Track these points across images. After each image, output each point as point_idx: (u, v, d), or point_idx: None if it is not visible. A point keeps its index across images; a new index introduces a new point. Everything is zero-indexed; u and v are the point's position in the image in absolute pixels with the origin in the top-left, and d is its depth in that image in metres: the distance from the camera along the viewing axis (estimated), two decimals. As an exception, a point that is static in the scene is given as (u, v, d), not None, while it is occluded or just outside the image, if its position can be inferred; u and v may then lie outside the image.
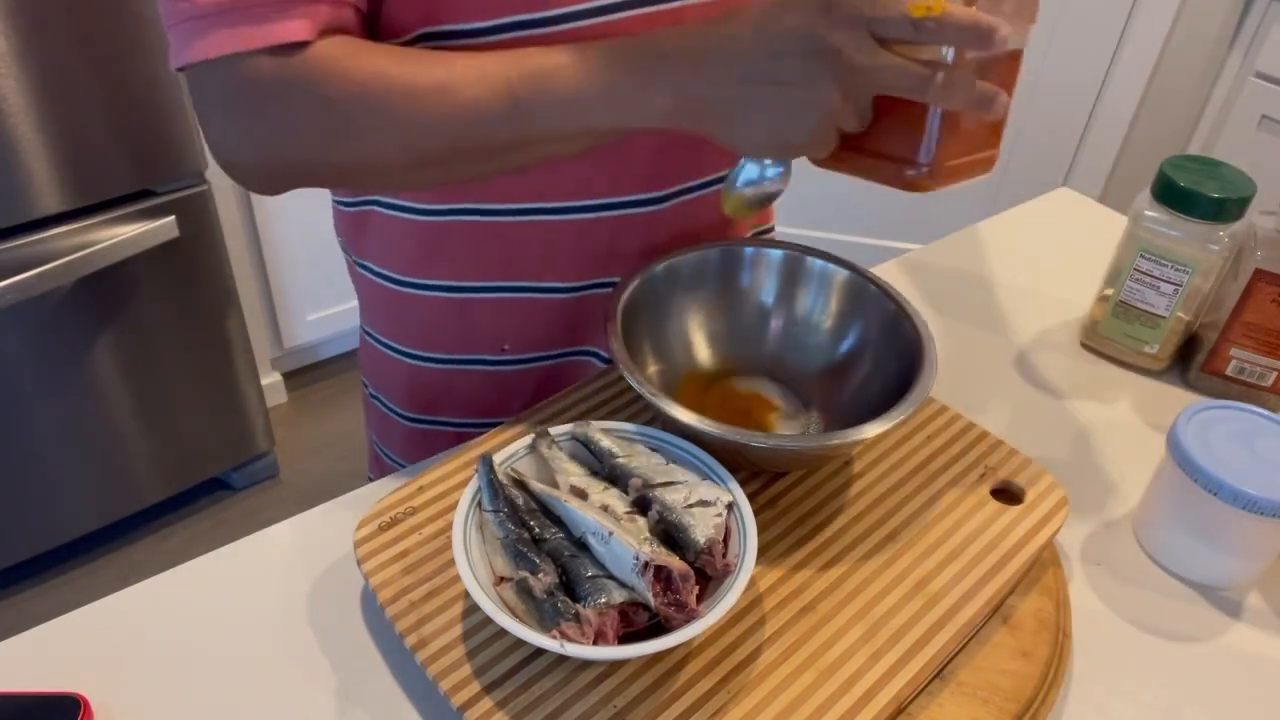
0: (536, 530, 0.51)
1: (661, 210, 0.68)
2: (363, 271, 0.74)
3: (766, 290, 0.67)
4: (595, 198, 0.66)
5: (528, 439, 0.56)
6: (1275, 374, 0.73)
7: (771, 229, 0.83)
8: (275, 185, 0.56)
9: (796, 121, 0.50)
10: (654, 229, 0.68)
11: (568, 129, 0.53)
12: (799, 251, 0.66)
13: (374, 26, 0.58)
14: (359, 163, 0.54)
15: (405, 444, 0.81)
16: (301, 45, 0.50)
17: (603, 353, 0.73)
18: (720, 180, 0.70)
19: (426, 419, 0.78)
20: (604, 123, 0.53)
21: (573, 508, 0.50)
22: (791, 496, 0.58)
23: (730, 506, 0.51)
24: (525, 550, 0.49)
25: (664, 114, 0.52)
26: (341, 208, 0.73)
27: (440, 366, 0.74)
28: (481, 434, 0.61)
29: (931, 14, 0.47)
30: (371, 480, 0.88)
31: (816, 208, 2.24)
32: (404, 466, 0.80)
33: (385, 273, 0.72)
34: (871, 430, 0.52)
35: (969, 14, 0.47)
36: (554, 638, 0.44)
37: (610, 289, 0.70)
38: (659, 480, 0.52)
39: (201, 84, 0.52)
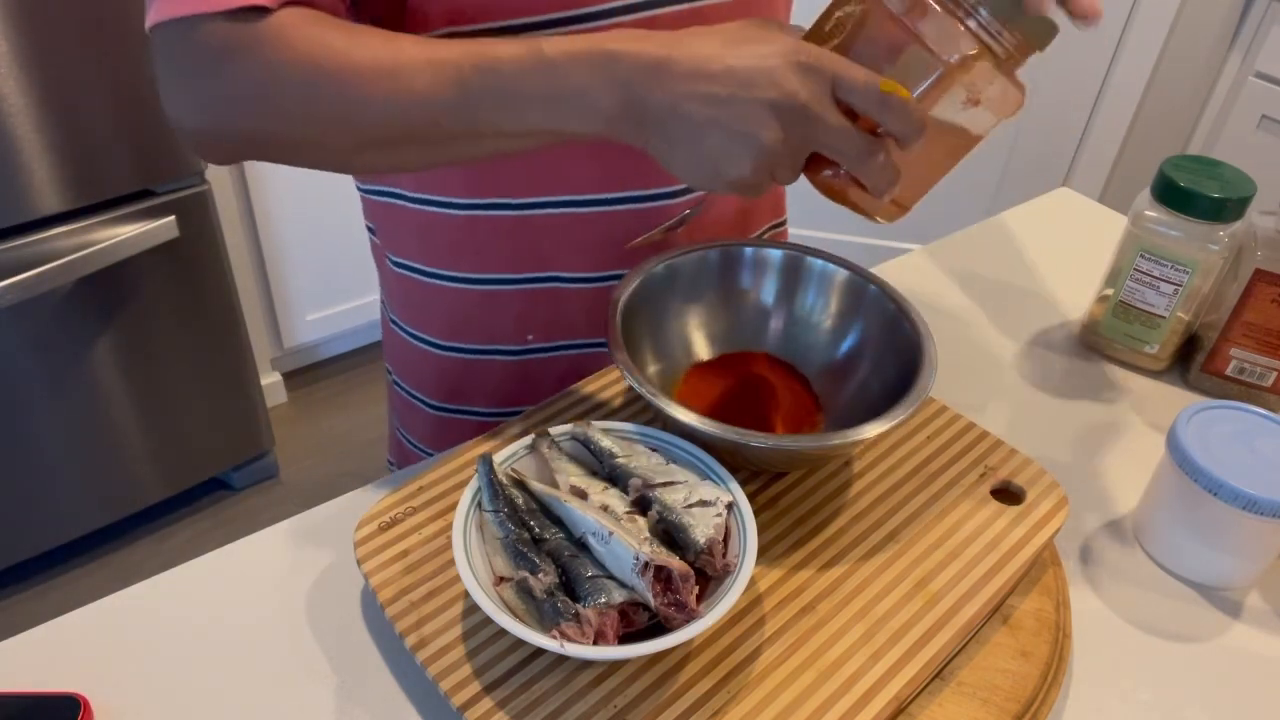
0: (536, 530, 0.51)
1: (683, 202, 0.68)
2: (388, 261, 0.75)
3: (766, 290, 0.67)
4: (620, 190, 0.67)
5: (528, 439, 0.56)
6: (1275, 374, 0.73)
7: (784, 221, 0.83)
8: (222, 152, 0.55)
9: (733, 159, 0.48)
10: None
11: (511, 125, 0.51)
12: (799, 251, 0.67)
13: (399, 22, 0.58)
14: (298, 137, 0.52)
15: (430, 431, 0.82)
16: (260, 11, 0.50)
17: None
18: None
19: (452, 407, 0.79)
20: (547, 122, 0.50)
21: (573, 508, 0.50)
22: (791, 496, 0.58)
23: (730, 506, 0.51)
24: (525, 550, 0.49)
25: (607, 118, 0.50)
26: (367, 195, 0.74)
27: (465, 356, 0.75)
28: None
29: (898, 94, 0.47)
30: (392, 466, 0.89)
31: (817, 208, 2.24)
32: (430, 453, 0.82)
33: (411, 264, 0.73)
34: (871, 430, 0.52)
35: (921, 111, 0.48)
36: (554, 638, 0.44)
37: None
38: (659, 480, 0.52)
39: (161, 44, 0.52)
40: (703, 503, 0.50)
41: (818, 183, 0.53)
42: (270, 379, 2.01)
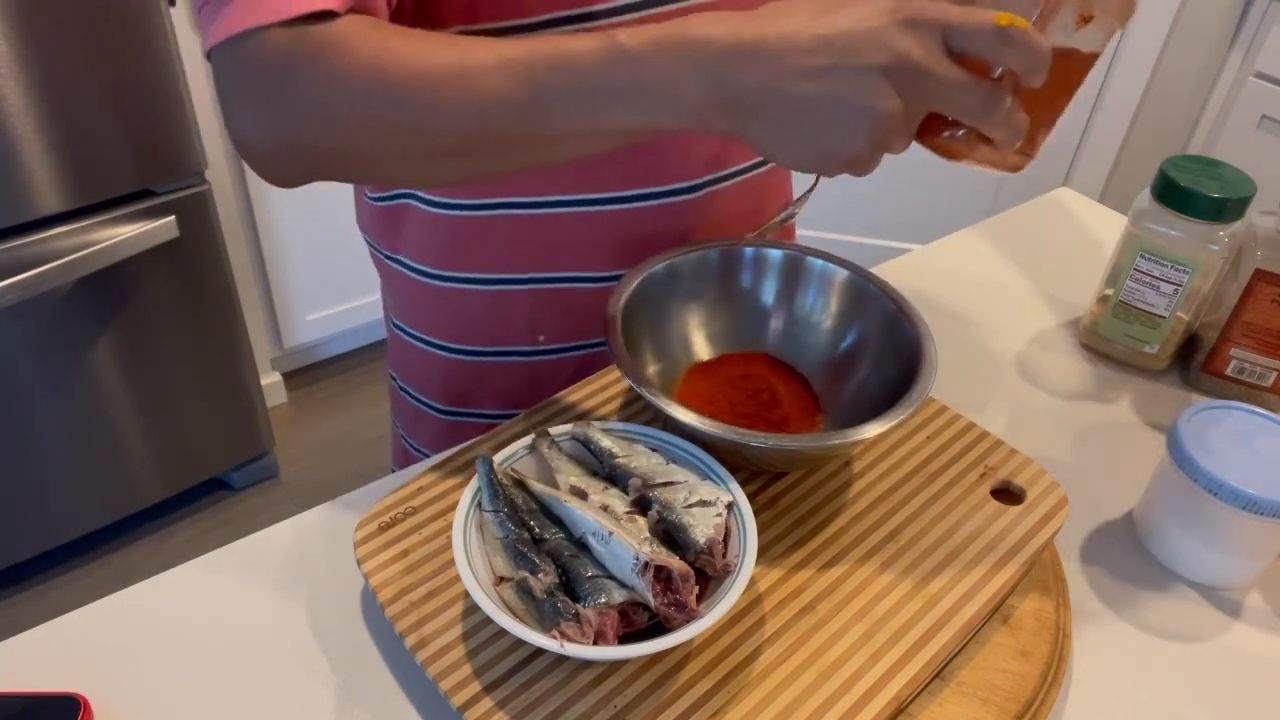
0: (536, 530, 0.51)
1: (696, 199, 0.68)
2: (394, 266, 0.75)
3: (766, 290, 0.67)
4: (632, 188, 0.67)
5: (528, 439, 0.56)
6: (1275, 374, 0.73)
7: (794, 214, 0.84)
8: (292, 173, 0.52)
9: (848, 134, 0.44)
10: (689, 217, 0.69)
11: (592, 124, 0.47)
12: (799, 251, 0.67)
13: (416, 23, 0.57)
14: (367, 149, 0.50)
15: (436, 436, 0.81)
16: (322, 18, 0.47)
17: None
18: (751, 169, 0.71)
19: (460, 411, 0.78)
20: (630, 119, 0.47)
21: (573, 508, 0.50)
22: (791, 496, 0.58)
23: (730, 506, 0.51)
24: (525, 550, 0.49)
25: (697, 109, 0.46)
26: (372, 203, 0.73)
27: (474, 359, 0.75)
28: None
29: (1017, 25, 0.42)
30: (395, 473, 0.89)
31: (818, 208, 2.24)
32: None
33: (420, 267, 0.73)
34: (871, 430, 0.52)
35: (1041, 40, 0.43)
36: (554, 638, 0.44)
37: None
38: (659, 480, 0.52)
39: (222, 65, 0.49)
40: (703, 503, 0.50)
41: (936, 146, 0.49)
42: (270, 379, 2.01)
